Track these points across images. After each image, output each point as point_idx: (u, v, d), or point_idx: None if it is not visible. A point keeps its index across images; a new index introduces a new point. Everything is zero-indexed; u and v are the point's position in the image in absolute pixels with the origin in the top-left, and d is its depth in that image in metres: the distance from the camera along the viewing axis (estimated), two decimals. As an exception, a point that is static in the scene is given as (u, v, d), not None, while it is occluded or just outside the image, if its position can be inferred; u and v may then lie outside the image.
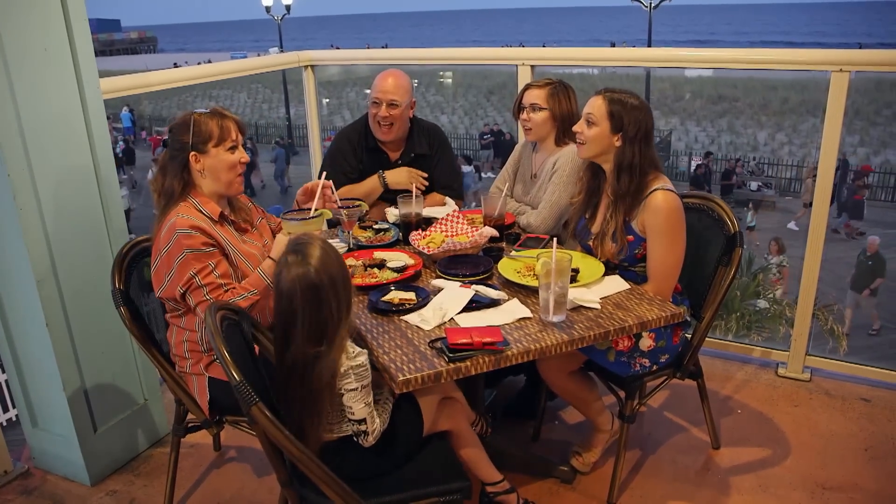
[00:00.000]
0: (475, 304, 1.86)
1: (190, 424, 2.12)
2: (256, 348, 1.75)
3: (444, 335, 1.69)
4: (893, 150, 16.46)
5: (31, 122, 2.03)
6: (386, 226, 2.49)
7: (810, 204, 2.69)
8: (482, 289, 1.91)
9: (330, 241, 2.32)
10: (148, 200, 12.60)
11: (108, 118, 2.51)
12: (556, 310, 1.78)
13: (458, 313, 1.82)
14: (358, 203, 2.32)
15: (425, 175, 2.73)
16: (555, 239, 1.87)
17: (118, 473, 2.42)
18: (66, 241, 2.18)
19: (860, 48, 3.64)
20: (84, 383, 2.31)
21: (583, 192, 2.22)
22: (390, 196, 2.63)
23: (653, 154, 2.07)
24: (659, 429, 2.56)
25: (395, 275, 2.05)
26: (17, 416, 2.48)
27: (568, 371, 2.19)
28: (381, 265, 2.11)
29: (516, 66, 3.04)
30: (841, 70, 2.50)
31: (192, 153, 1.90)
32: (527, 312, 1.83)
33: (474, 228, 2.35)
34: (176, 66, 22.59)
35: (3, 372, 2.51)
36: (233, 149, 1.93)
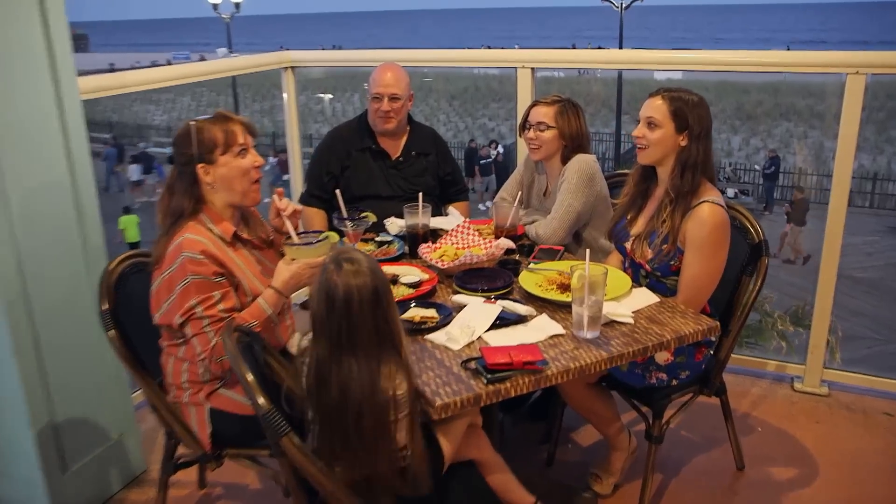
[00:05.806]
0: (500, 321, 1.84)
1: (181, 461, 2.03)
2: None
3: (476, 355, 1.67)
4: (866, 154, 17.09)
5: (1, 125, 1.94)
6: (389, 238, 2.45)
7: None
8: (508, 304, 1.89)
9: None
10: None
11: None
12: (590, 325, 1.77)
13: (486, 331, 1.80)
14: (364, 214, 2.28)
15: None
16: (588, 252, 1.85)
17: (91, 517, 2.31)
18: (39, 257, 2.08)
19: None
20: (54, 418, 2.19)
21: (629, 193, 2.23)
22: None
23: (711, 154, 2.10)
24: (677, 449, 2.56)
25: (411, 290, 2.02)
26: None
27: (586, 383, 2.18)
28: (393, 281, 2.06)
29: (516, 68, 3.05)
30: (857, 72, 2.57)
31: (200, 165, 1.81)
32: (559, 329, 1.82)
33: (485, 240, 2.33)
34: (112, 66, 22.12)
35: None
36: (242, 153, 1.85)
